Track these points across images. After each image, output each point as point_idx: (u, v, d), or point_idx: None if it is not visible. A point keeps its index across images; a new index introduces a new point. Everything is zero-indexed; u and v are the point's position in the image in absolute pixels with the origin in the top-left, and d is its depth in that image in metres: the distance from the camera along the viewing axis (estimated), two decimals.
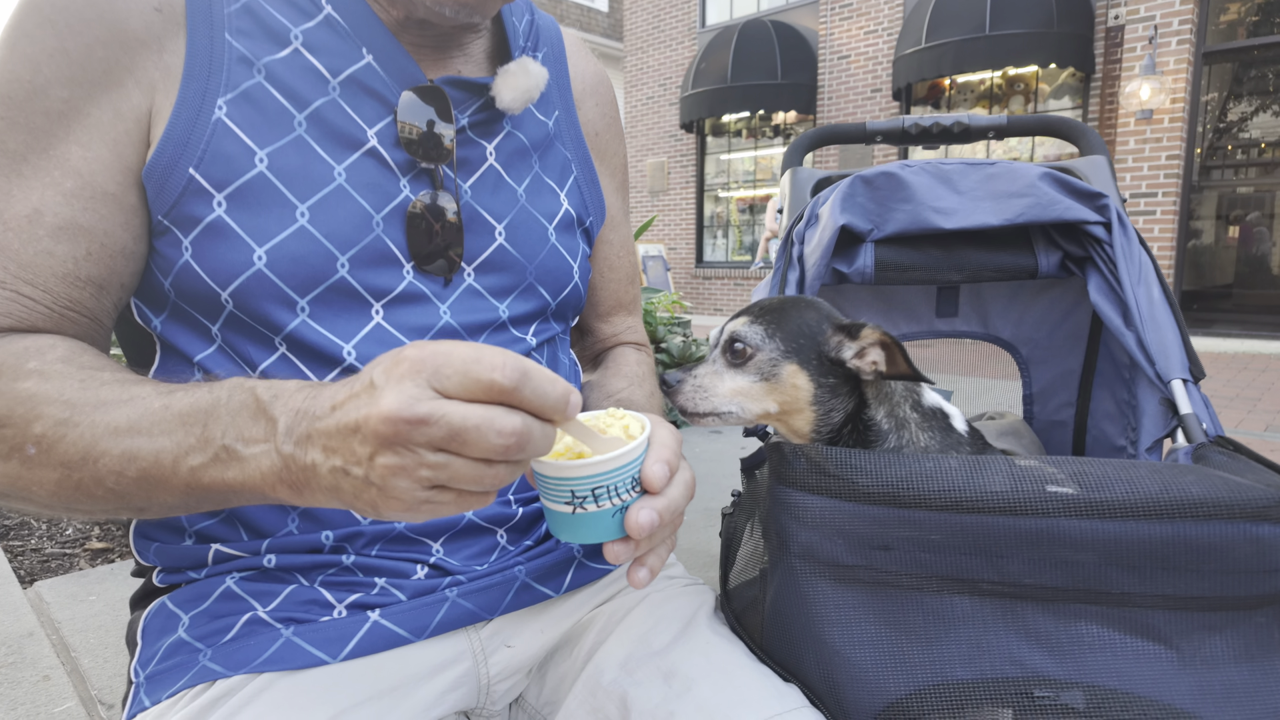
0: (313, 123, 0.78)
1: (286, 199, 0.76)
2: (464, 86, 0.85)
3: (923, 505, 0.72)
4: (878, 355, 0.91)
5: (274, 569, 0.80)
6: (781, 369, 0.92)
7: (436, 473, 0.51)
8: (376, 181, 0.80)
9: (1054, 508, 0.70)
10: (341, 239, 0.77)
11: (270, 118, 0.76)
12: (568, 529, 0.64)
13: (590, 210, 1.01)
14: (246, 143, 0.75)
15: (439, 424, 0.49)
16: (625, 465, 0.63)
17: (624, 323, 1.14)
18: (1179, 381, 1.09)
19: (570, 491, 0.62)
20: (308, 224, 0.76)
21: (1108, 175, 1.39)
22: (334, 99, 0.79)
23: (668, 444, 0.68)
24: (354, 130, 0.80)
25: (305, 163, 0.77)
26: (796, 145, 1.57)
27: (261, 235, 0.74)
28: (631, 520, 0.63)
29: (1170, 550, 0.68)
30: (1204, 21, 7.71)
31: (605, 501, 0.62)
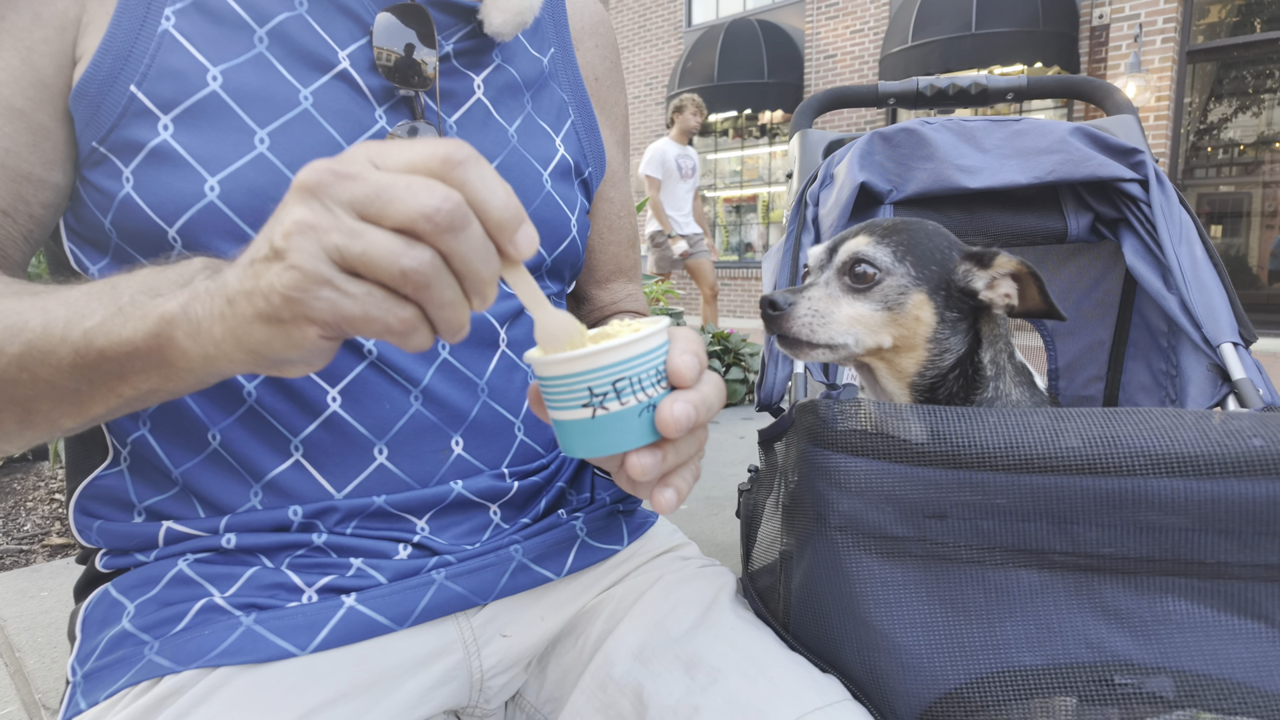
0: (275, 40, 0.69)
1: (244, 123, 0.66)
2: (449, 9, 0.76)
3: (986, 465, 0.63)
4: (1010, 287, 0.81)
5: (234, 550, 0.69)
6: (909, 298, 0.80)
7: (348, 240, 0.41)
8: (348, 108, 0.71)
9: (1140, 465, 0.60)
10: None
11: (226, 31, 0.67)
12: (586, 438, 0.54)
13: (589, 160, 0.91)
14: (198, 58, 0.66)
15: (366, 179, 0.42)
16: (649, 352, 0.54)
17: (624, 289, 1.04)
18: (1229, 345, 1.00)
19: (588, 389, 0.53)
20: (268, 151, 0.67)
21: (1138, 134, 1.31)
22: (300, 14, 0.70)
23: (692, 339, 0.59)
24: (323, 50, 0.71)
25: (266, 83, 0.68)
26: (805, 107, 1.47)
27: (214, 163, 0.65)
28: (665, 414, 0.53)
29: (1276, 512, 0.59)
30: (1188, 21, 7.74)
31: (630, 397, 0.53)
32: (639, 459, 0.54)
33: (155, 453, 0.70)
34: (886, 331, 0.82)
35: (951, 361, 0.83)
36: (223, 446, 0.69)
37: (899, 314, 0.81)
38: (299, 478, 0.69)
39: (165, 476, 0.70)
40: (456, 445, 0.75)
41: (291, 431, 0.69)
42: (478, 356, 0.76)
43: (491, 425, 0.77)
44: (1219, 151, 8.24)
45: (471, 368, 0.76)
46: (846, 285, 0.82)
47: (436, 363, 0.73)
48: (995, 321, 0.84)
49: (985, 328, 0.83)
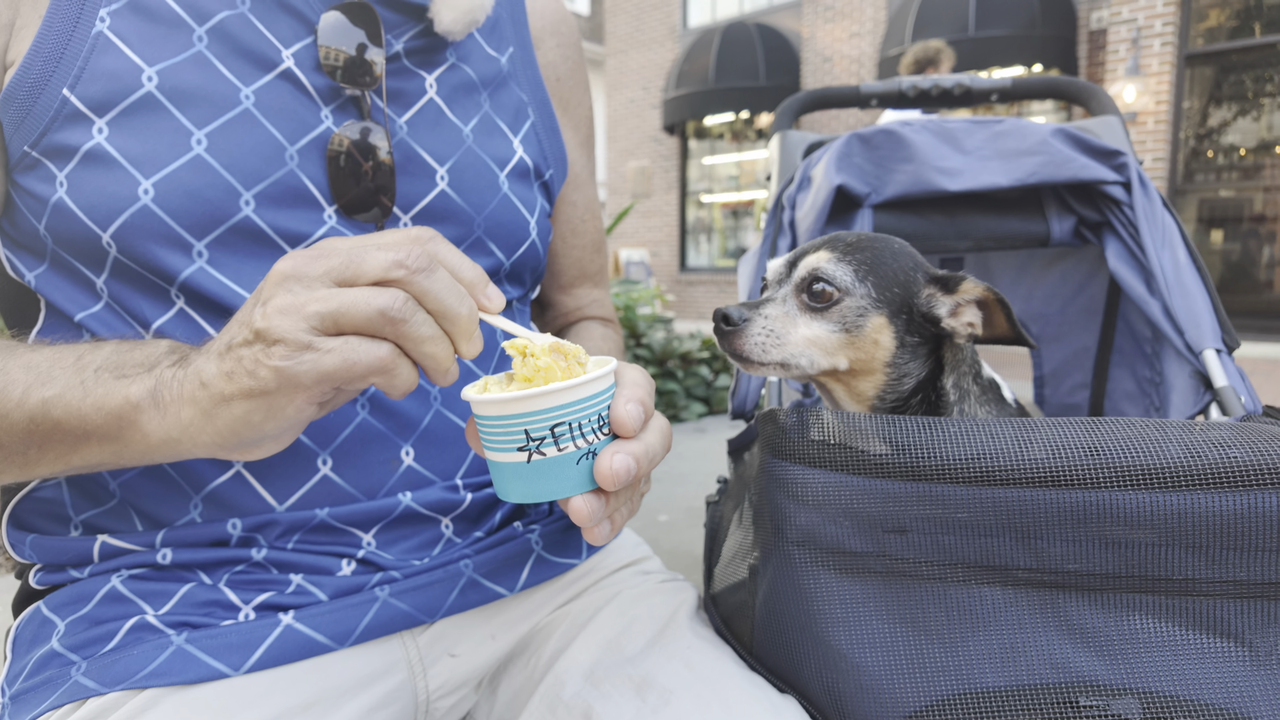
0: (215, 38, 0.67)
1: (180, 124, 0.64)
2: (398, 7, 0.74)
3: (948, 477, 0.60)
4: (974, 315, 0.78)
5: (170, 565, 0.67)
6: (868, 321, 0.77)
7: (325, 304, 0.45)
8: (291, 108, 0.69)
9: (1105, 478, 0.58)
10: (246, 171, 0.66)
11: (164, 30, 0.65)
12: (522, 482, 0.53)
13: (550, 161, 0.89)
14: (133, 59, 0.64)
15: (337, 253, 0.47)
16: (591, 397, 0.52)
17: (589, 295, 1.02)
18: (1212, 352, 0.98)
19: (524, 431, 0.51)
20: (205, 153, 0.65)
21: (1123, 136, 1.28)
22: (242, 12, 0.68)
23: (640, 384, 0.57)
24: (265, 49, 0.69)
25: (205, 82, 0.66)
26: (786, 108, 1.45)
27: (148, 165, 0.63)
28: (603, 466, 0.52)
29: (1245, 526, 0.56)
30: (1186, 24, 7.72)
31: (568, 443, 0.52)
32: (580, 504, 0.53)
33: None
34: (843, 354, 0.79)
35: (911, 386, 0.80)
36: None
37: (857, 336, 0.78)
38: (239, 489, 0.67)
39: (103, 488, 0.68)
40: (407, 455, 0.72)
41: None
42: None
43: (444, 434, 0.75)
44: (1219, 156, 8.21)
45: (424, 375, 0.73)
46: (804, 303, 0.79)
47: None
48: (959, 346, 0.81)
49: (948, 353, 0.81)
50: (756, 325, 0.77)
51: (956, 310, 0.79)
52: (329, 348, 0.45)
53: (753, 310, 0.78)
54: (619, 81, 13.25)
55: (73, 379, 0.51)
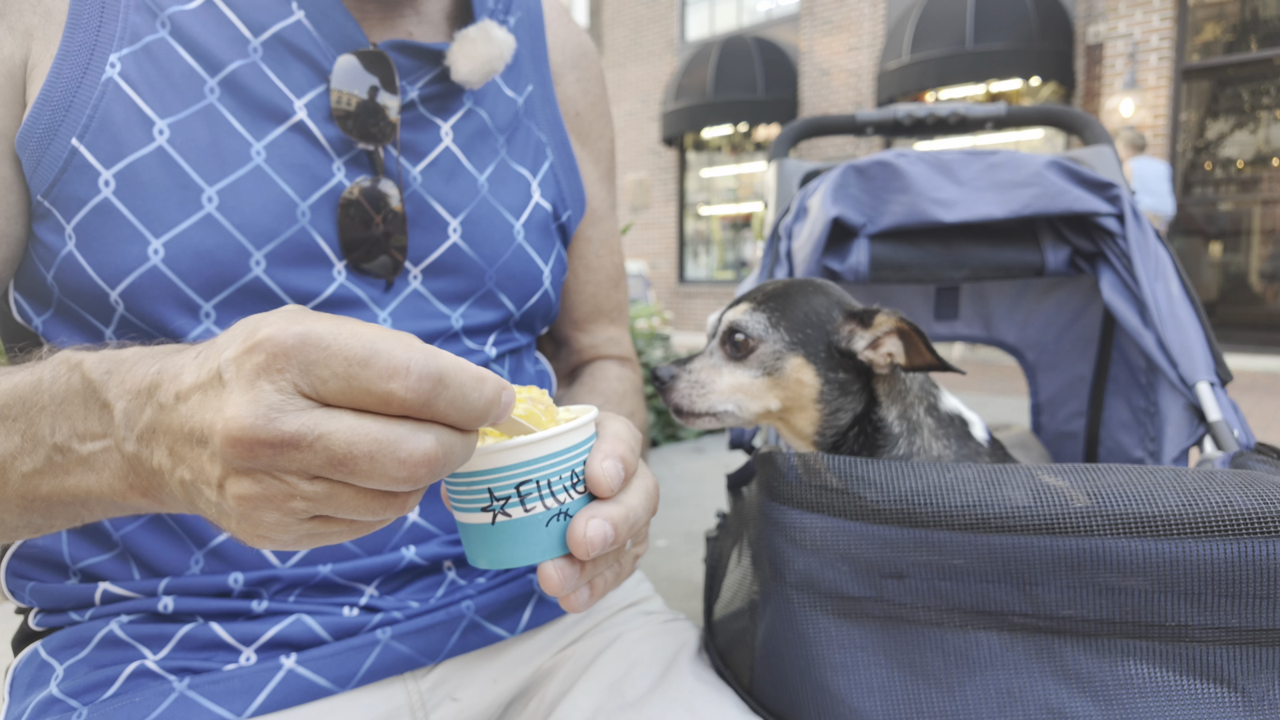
0: (228, 89, 0.66)
1: (191, 180, 0.63)
2: (414, 53, 0.73)
3: (943, 524, 0.61)
4: (894, 346, 0.81)
5: (171, 614, 0.67)
6: (786, 362, 0.83)
7: (316, 505, 0.38)
8: (303, 162, 0.68)
9: (1097, 525, 0.58)
10: (257, 231, 0.65)
11: (175, 81, 0.64)
12: (487, 547, 0.48)
13: (568, 202, 0.87)
14: (144, 110, 0.63)
15: (314, 448, 0.36)
16: (562, 452, 0.47)
17: (604, 333, 0.98)
18: (1205, 385, 0.99)
19: (487, 490, 0.46)
20: (216, 211, 0.64)
21: (1115, 166, 1.30)
22: (254, 62, 0.67)
23: (622, 437, 0.52)
24: (278, 100, 0.68)
25: (216, 138, 0.65)
26: (783, 137, 1.46)
27: (158, 224, 0.62)
28: (576, 532, 0.47)
29: (1237, 574, 0.57)
30: (1182, 39, 7.77)
31: (536, 503, 0.47)
32: (551, 571, 0.48)
33: None
34: (772, 395, 0.85)
35: (848, 420, 0.84)
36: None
37: (779, 378, 0.83)
38: (242, 545, 0.67)
39: (106, 537, 0.67)
40: (411, 513, 0.73)
41: None
42: None
43: None
44: (1216, 169, 8.25)
45: None
46: (727, 354, 0.86)
47: None
48: (895, 378, 0.83)
49: (881, 386, 0.84)
50: (682, 380, 0.87)
51: (876, 343, 0.82)
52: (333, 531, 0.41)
53: (681, 366, 0.87)
54: (617, 94, 13.30)
55: (39, 453, 0.45)
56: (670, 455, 3.17)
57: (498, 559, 0.48)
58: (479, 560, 0.49)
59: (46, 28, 0.62)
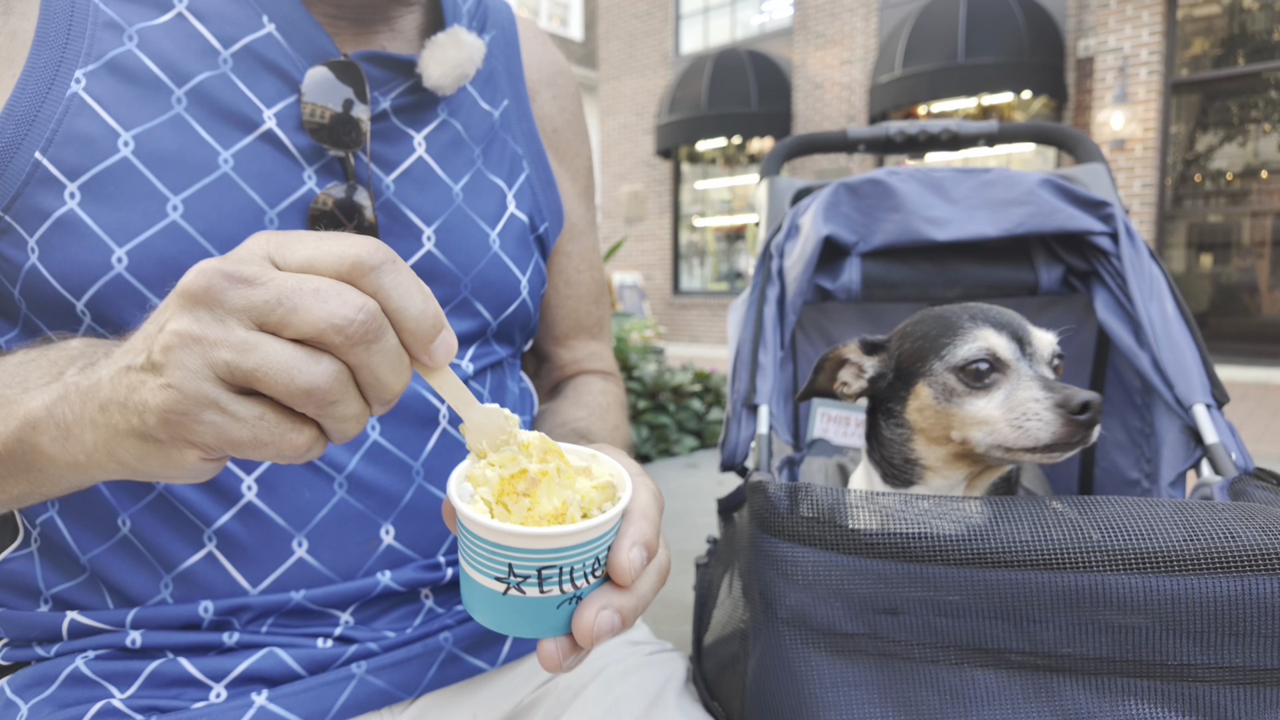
0: (195, 100, 0.66)
1: (155, 189, 0.63)
2: (386, 63, 0.73)
3: (939, 559, 0.59)
4: None
5: (139, 649, 0.64)
6: None
7: (239, 355, 0.37)
8: (272, 171, 0.67)
9: (1096, 560, 0.57)
10: (224, 238, 0.65)
11: (141, 92, 0.64)
12: (491, 609, 0.47)
13: (545, 215, 0.87)
14: (108, 122, 0.62)
15: (266, 285, 0.38)
16: (592, 542, 0.46)
17: (586, 348, 0.98)
18: (1202, 407, 0.98)
19: (508, 565, 0.45)
20: (181, 219, 0.63)
21: (1108, 184, 1.29)
22: (224, 73, 0.67)
23: (649, 515, 0.51)
24: (247, 109, 0.67)
25: (182, 146, 0.64)
26: (774, 154, 1.45)
27: (122, 232, 0.62)
28: (584, 621, 0.46)
29: (1241, 611, 0.55)
30: (1171, 53, 7.83)
31: (553, 587, 0.45)
32: (550, 649, 0.47)
33: (64, 536, 0.66)
34: None
35: None
36: (133, 533, 0.65)
37: None
38: (212, 570, 0.65)
39: (74, 562, 0.66)
40: (386, 534, 0.70)
41: (204, 521, 0.65)
42: (413, 436, 0.72)
43: (427, 510, 0.73)
44: (1206, 181, 8.30)
45: (406, 449, 0.71)
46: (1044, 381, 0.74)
47: (364, 446, 0.69)
48: None
49: None
50: None
51: None
52: (240, 415, 0.38)
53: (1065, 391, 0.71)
54: (612, 107, 13.35)
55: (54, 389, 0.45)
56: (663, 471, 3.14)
57: (497, 623, 0.47)
58: (477, 614, 0.48)
59: (11, 47, 0.62)
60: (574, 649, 0.48)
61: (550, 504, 0.46)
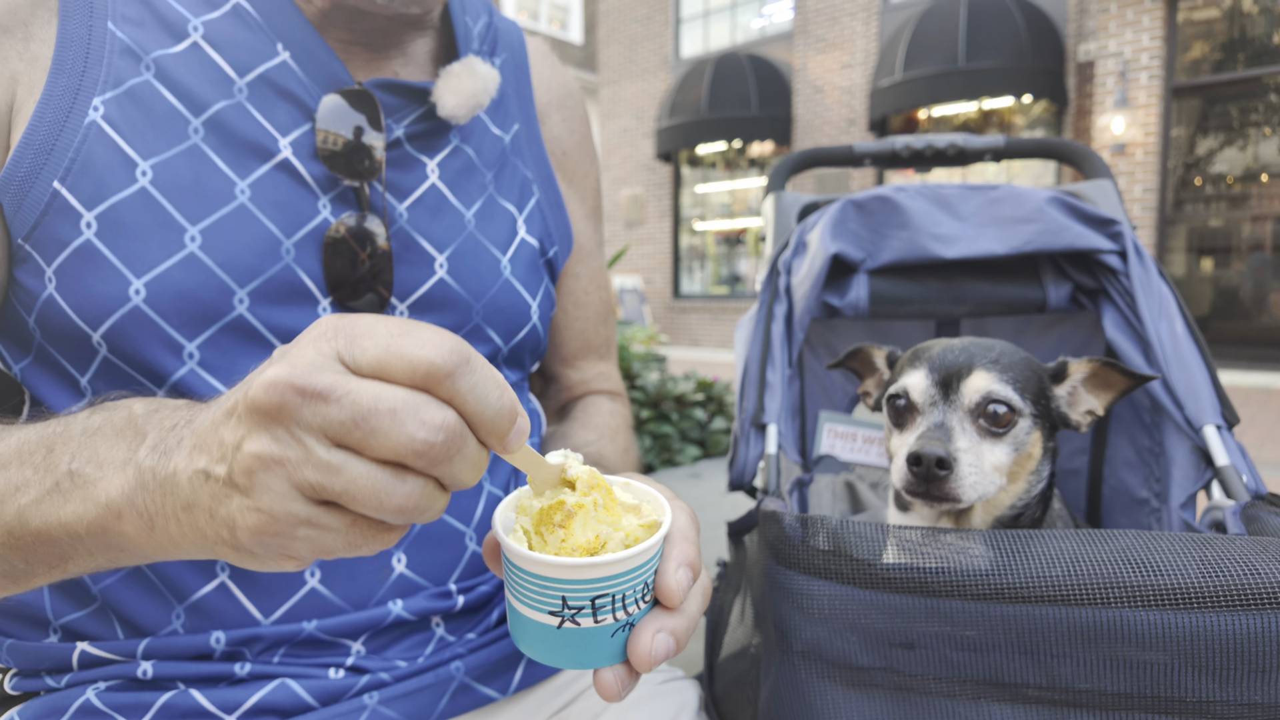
0: (212, 129, 0.66)
1: (173, 220, 0.63)
2: (399, 91, 0.73)
3: (956, 593, 0.59)
4: (1088, 398, 0.77)
5: (150, 680, 0.64)
6: (1031, 436, 0.74)
7: (326, 477, 0.37)
8: (288, 200, 0.68)
9: (1115, 596, 0.57)
10: (241, 269, 0.65)
11: (158, 122, 0.64)
12: (545, 645, 0.48)
13: (555, 238, 0.88)
14: (126, 151, 0.62)
15: (341, 401, 0.36)
16: (641, 567, 0.47)
17: (594, 369, 0.99)
18: (1213, 428, 0.97)
19: (561, 598, 0.46)
20: (199, 250, 0.63)
21: (1116, 200, 1.28)
22: (239, 102, 0.67)
23: (689, 536, 0.52)
24: (263, 138, 0.67)
25: (199, 177, 0.65)
26: (779, 169, 1.45)
27: (140, 264, 0.62)
28: (641, 647, 0.47)
29: (1262, 648, 0.55)
30: (1172, 57, 7.84)
31: (606, 615, 0.47)
32: (610, 679, 0.48)
33: None
34: (1007, 473, 0.75)
35: (1042, 489, 0.79)
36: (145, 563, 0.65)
37: (1022, 454, 0.76)
38: (224, 600, 0.65)
39: (85, 591, 0.66)
40: (398, 563, 0.70)
41: None
42: None
43: (439, 537, 0.73)
44: (1207, 185, 8.30)
45: None
46: (983, 429, 0.74)
47: None
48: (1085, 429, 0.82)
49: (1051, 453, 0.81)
50: (965, 464, 0.71)
51: (1073, 399, 0.79)
52: (333, 527, 0.39)
53: (949, 445, 0.72)
54: (612, 110, 13.36)
55: (45, 478, 0.45)
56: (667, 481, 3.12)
57: (553, 658, 0.48)
58: (534, 654, 0.49)
59: (31, 73, 0.62)
60: (631, 676, 0.49)
61: (584, 536, 0.47)
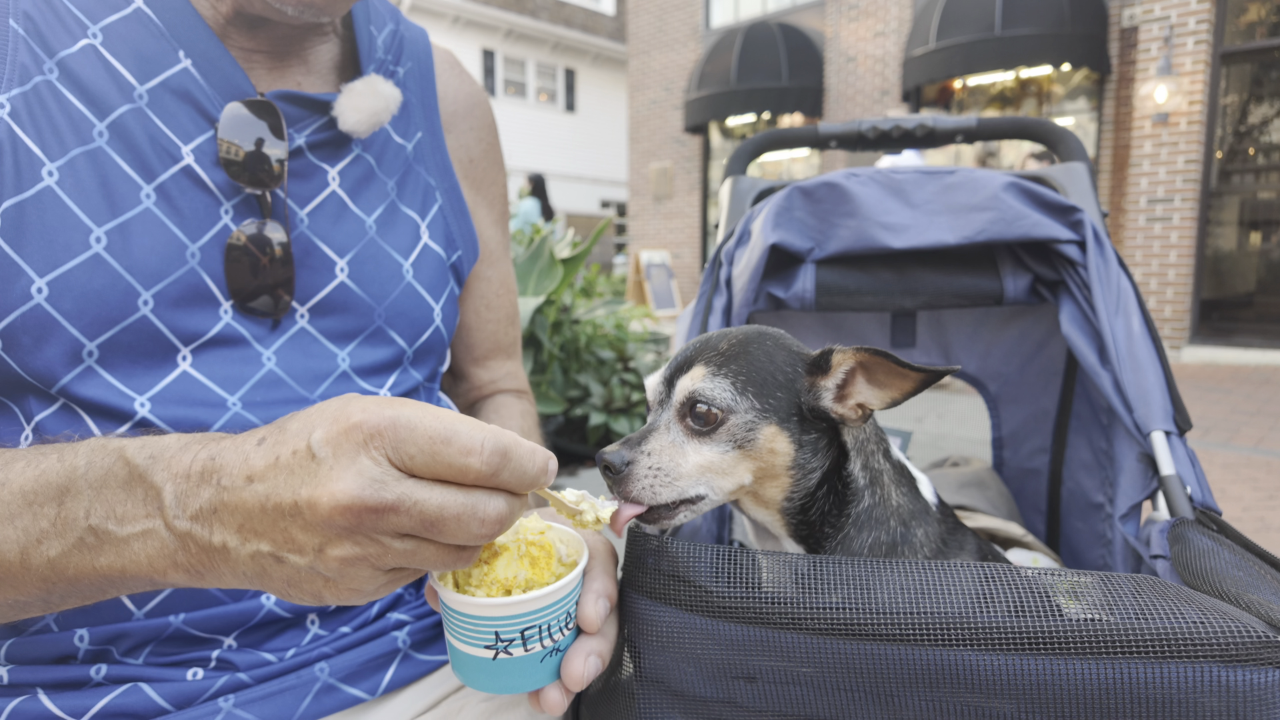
0: (116, 134, 0.67)
1: (79, 220, 0.64)
2: (301, 103, 0.75)
3: (793, 625, 0.55)
4: (864, 391, 0.71)
5: (6, 685, 0.64)
6: (758, 433, 0.71)
7: (403, 560, 0.46)
8: (193, 206, 0.69)
9: (956, 636, 0.52)
10: (147, 271, 0.66)
11: (64, 123, 0.65)
12: (485, 676, 0.55)
13: (459, 244, 0.90)
14: (33, 150, 0.63)
15: (410, 513, 0.44)
16: (561, 600, 0.55)
17: (503, 368, 1.02)
18: (1160, 434, 0.91)
19: (494, 633, 0.53)
20: (104, 252, 0.64)
21: (1087, 185, 1.21)
22: (140, 108, 0.68)
23: (606, 568, 0.61)
24: (166, 145, 0.69)
25: (105, 180, 0.66)
26: (740, 152, 1.40)
27: (43, 263, 0.62)
28: (574, 669, 0.56)
29: (1113, 700, 0.51)
30: (1221, 21, 7.45)
31: (535, 644, 0.54)
32: (554, 697, 0.56)
33: None
34: (744, 469, 0.72)
35: (818, 479, 0.74)
36: None
37: (751, 450, 0.71)
38: None
39: None
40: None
41: None
42: None
43: None
44: (1259, 156, 7.93)
45: None
46: (690, 428, 0.71)
47: None
48: (859, 425, 0.75)
49: (849, 435, 0.75)
50: (641, 466, 0.68)
51: (844, 391, 0.73)
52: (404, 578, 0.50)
53: (633, 448, 0.70)
54: (641, 83, 13.19)
55: (67, 536, 0.49)
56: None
57: (492, 686, 0.55)
58: (475, 684, 0.56)
59: None
60: (568, 694, 0.57)
61: (505, 573, 0.55)
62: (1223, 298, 8.01)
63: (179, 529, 0.47)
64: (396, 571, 0.48)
